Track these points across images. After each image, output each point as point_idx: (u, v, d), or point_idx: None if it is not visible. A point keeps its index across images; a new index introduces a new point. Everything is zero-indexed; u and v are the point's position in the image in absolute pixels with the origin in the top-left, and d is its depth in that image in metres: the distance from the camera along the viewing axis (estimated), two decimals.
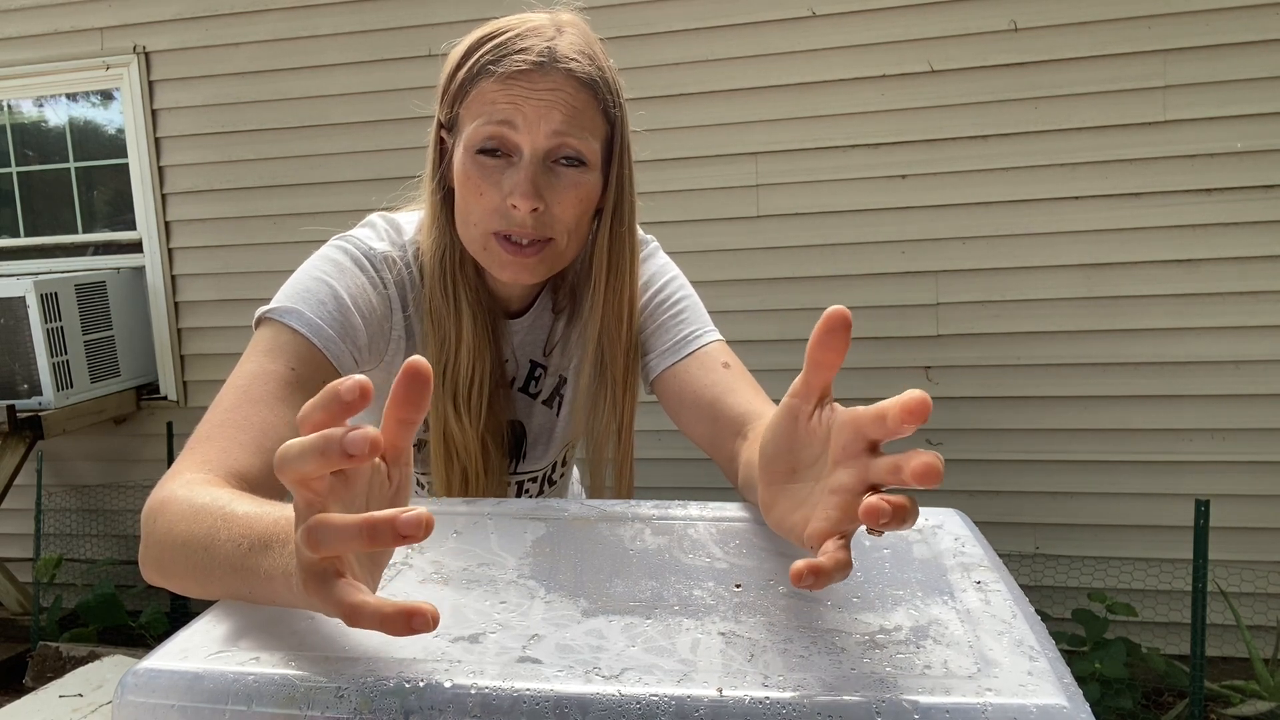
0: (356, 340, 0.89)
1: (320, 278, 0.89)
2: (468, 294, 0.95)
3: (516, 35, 0.87)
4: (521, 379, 1.05)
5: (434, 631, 0.55)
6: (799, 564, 0.48)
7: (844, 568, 0.49)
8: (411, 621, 0.44)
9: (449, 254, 0.94)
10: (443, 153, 0.95)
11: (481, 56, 0.88)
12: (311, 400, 0.46)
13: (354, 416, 1.14)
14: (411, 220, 0.99)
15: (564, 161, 0.88)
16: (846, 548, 0.51)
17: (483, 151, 0.88)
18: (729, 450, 0.87)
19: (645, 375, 1.02)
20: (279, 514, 0.58)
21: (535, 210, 0.87)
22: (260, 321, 0.87)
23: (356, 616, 0.45)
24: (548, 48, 0.86)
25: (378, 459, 0.50)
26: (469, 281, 0.95)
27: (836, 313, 0.51)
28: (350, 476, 0.49)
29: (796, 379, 0.56)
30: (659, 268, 1.04)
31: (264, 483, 0.76)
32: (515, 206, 0.87)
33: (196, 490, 0.68)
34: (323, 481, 0.47)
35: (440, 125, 0.95)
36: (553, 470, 1.12)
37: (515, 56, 0.86)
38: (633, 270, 0.98)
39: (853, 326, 0.52)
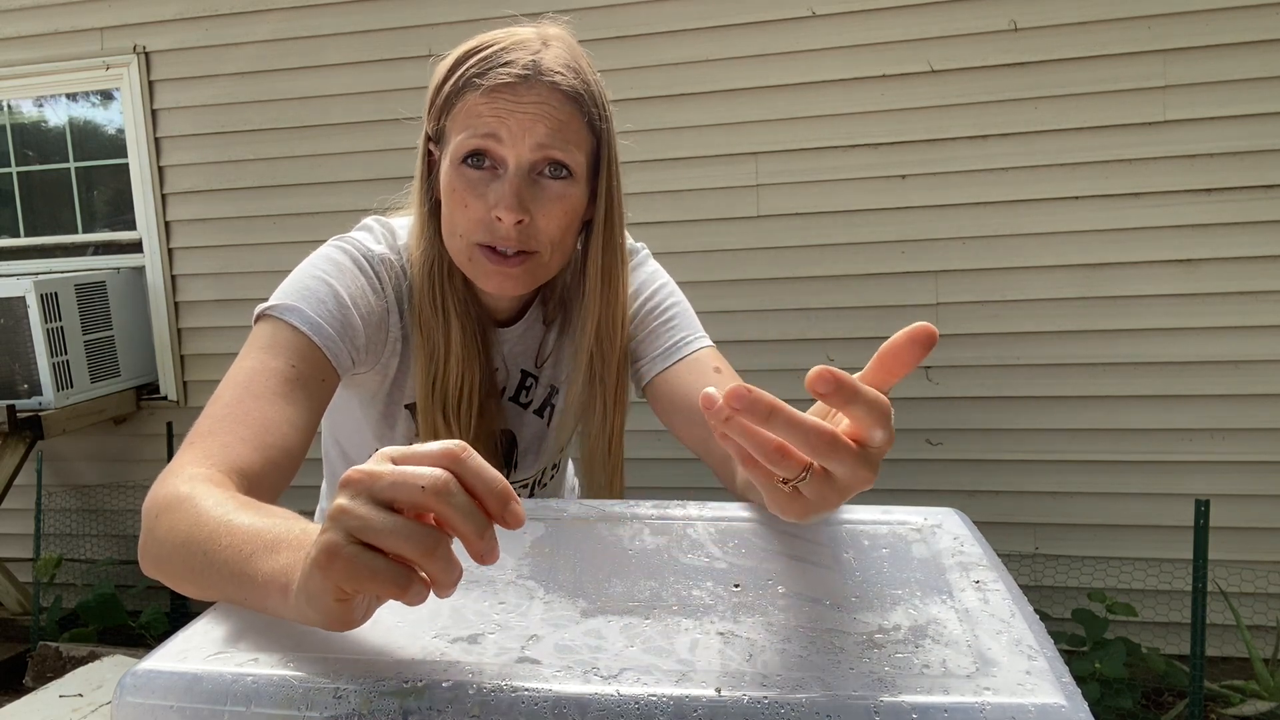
0: (355, 341, 0.89)
1: (321, 277, 0.89)
2: (456, 304, 0.95)
3: (502, 49, 0.88)
4: (512, 389, 1.05)
5: (433, 632, 0.55)
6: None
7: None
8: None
9: (437, 265, 0.95)
10: (430, 165, 0.95)
11: (467, 70, 0.88)
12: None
13: (353, 416, 1.13)
14: (405, 225, 0.99)
15: (549, 174, 0.89)
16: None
17: (468, 164, 0.88)
18: (721, 453, 0.87)
19: (637, 381, 1.02)
20: (286, 524, 0.59)
21: (520, 223, 0.87)
22: (260, 318, 0.87)
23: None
24: (532, 61, 0.87)
25: None
26: (457, 292, 0.96)
27: (922, 328, 0.52)
28: None
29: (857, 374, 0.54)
30: (649, 275, 1.04)
31: (264, 479, 0.75)
32: (499, 219, 0.87)
33: (200, 489, 0.68)
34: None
35: (428, 138, 0.95)
36: (542, 475, 1.12)
37: (500, 70, 0.86)
38: (623, 281, 0.98)
39: (923, 338, 0.53)
